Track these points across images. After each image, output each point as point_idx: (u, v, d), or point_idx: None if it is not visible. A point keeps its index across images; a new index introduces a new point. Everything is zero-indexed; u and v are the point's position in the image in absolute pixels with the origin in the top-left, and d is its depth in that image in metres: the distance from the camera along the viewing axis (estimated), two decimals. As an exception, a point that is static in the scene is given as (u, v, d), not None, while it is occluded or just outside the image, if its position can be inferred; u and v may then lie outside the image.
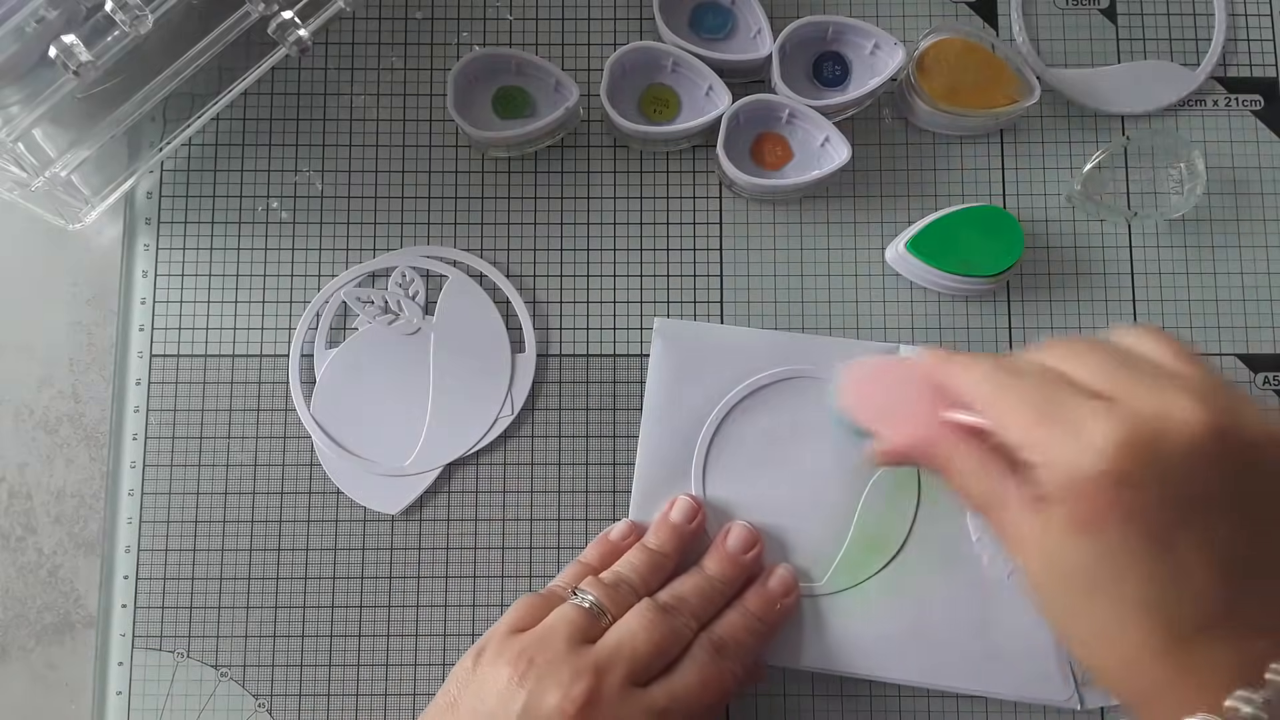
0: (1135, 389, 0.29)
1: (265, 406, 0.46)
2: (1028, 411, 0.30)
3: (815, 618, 0.43)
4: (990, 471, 0.32)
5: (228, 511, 0.45)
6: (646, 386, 0.45)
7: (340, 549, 0.45)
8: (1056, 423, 0.29)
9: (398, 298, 0.46)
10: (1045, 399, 0.30)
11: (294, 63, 0.48)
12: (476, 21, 0.49)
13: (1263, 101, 0.48)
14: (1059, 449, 0.29)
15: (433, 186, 0.48)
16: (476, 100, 0.47)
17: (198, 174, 0.48)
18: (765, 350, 0.45)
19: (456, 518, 0.45)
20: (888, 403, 0.36)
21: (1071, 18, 0.49)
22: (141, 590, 0.45)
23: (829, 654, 0.43)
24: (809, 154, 0.47)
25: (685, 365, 0.45)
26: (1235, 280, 0.47)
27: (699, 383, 0.45)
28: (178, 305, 0.47)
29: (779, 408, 0.44)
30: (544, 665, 0.36)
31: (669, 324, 0.46)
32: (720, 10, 0.47)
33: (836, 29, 0.47)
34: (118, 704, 0.44)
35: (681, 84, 0.47)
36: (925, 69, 0.46)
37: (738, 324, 0.46)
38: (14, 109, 0.40)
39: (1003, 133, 0.48)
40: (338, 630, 0.44)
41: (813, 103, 0.46)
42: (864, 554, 0.43)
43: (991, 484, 0.32)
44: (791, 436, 0.44)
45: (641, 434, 0.45)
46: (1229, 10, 0.48)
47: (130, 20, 0.38)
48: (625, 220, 0.47)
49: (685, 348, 0.45)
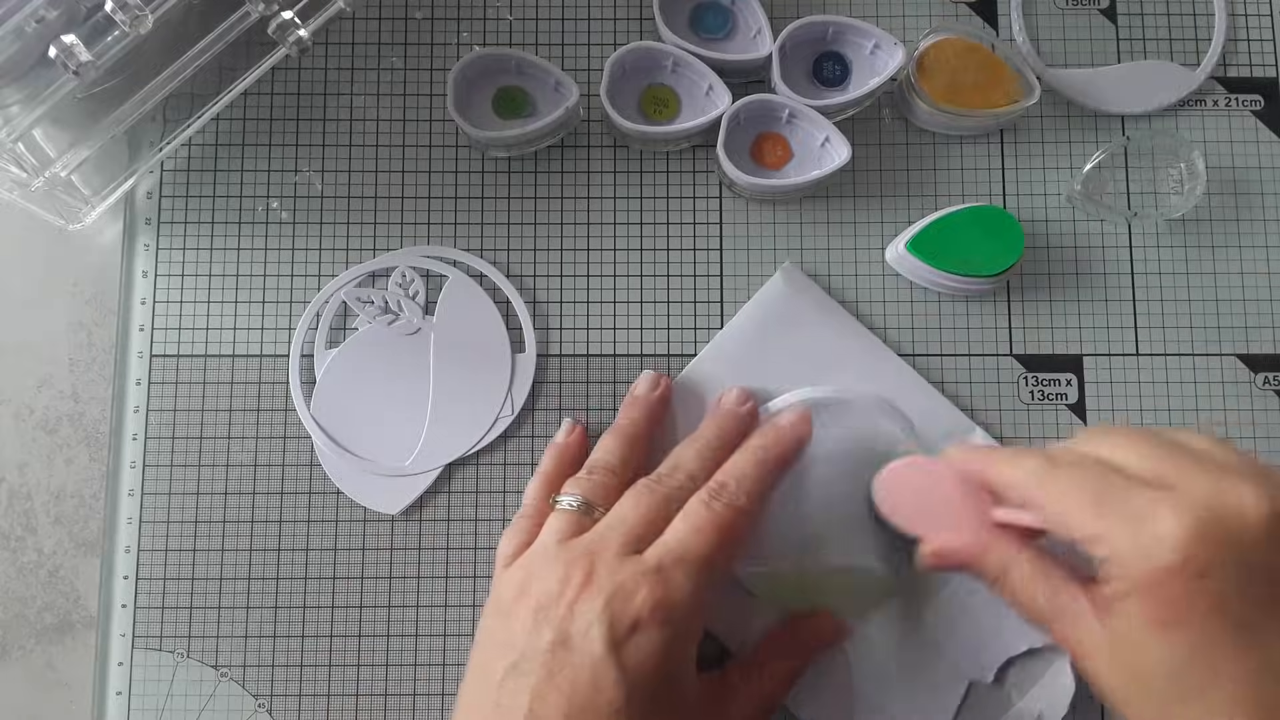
0: (1190, 476, 0.28)
1: (265, 406, 0.46)
2: (1086, 503, 0.29)
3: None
4: (1052, 579, 0.31)
5: (228, 511, 0.45)
6: (733, 320, 0.45)
7: (340, 549, 0.45)
8: (1118, 514, 0.28)
9: (398, 298, 0.46)
10: (1101, 489, 0.29)
11: (294, 63, 0.48)
12: (476, 21, 0.49)
13: (1263, 101, 0.48)
14: (1126, 541, 0.28)
15: (433, 186, 0.48)
16: (476, 100, 0.47)
17: (198, 174, 0.48)
18: (856, 357, 0.45)
19: (456, 518, 0.45)
20: (931, 506, 0.35)
21: (1071, 18, 0.49)
22: (141, 590, 0.45)
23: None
24: (809, 154, 0.47)
25: (782, 323, 0.45)
26: (1235, 280, 0.47)
27: (782, 351, 0.44)
28: (178, 305, 0.47)
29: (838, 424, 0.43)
30: (540, 571, 0.36)
31: (794, 273, 0.46)
32: (720, 10, 0.47)
33: (837, 29, 0.47)
34: (118, 704, 0.44)
35: (681, 84, 0.47)
36: (925, 69, 0.46)
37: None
38: (14, 109, 0.40)
39: (1003, 133, 0.48)
40: (338, 630, 0.44)
41: (813, 103, 0.46)
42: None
43: (1054, 593, 0.30)
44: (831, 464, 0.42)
45: (693, 363, 0.45)
46: (1229, 10, 0.48)
47: (130, 20, 0.38)
48: (625, 220, 0.47)
49: (797, 305, 0.45)
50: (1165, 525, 0.28)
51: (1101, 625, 0.29)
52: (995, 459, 0.33)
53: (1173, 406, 0.46)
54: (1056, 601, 0.31)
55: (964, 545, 0.33)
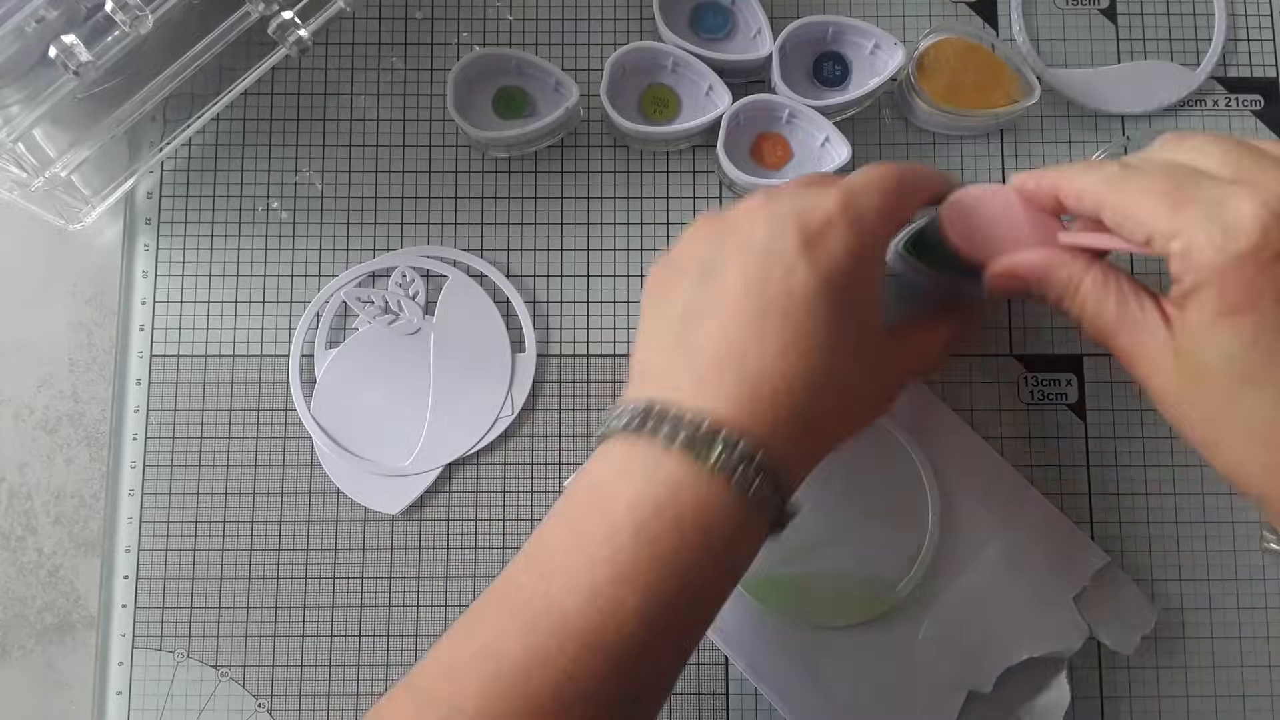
0: (1270, 172, 0.28)
1: (265, 406, 0.46)
2: (1159, 200, 0.29)
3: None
4: (1121, 289, 0.31)
5: (228, 511, 0.45)
6: None
7: (340, 549, 0.45)
8: (1194, 205, 0.28)
9: (398, 298, 0.46)
10: (1176, 186, 0.29)
11: (294, 63, 0.48)
12: (476, 21, 0.49)
13: (1263, 101, 0.48)
14: (1200, 231, 0.28)
15: (433, 186, 0.48)
16: (476, 100, 0.47)
17: (198, 174, 0.48)
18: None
19: (456, 518, 0.45)
20: (997, 232, 0.34)
21: (1071, 18, 0.49)
22: (141, 590, 0.45)
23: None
24: (809, 154, 0.47)
25: None
26: (1235, 280, 0.47)
27: None
28: (178, 305, 0.47)
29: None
30: (712, 218, 0.36)
31: None
32: (720, 10, 0.47)
33: (837, 29, 0.47)
34: (118, 704, 0.44)
35: (681, 84, 0.47)
36: (925, 69, 0.46)
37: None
38: (14, 109, 0.40)
39: (1003, 133, 0.48)
40: (338, 630, 0.44)
41: (813, 102, 0.46)
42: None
43: (1123, 302, 0.31)
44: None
45: None
46: (1229, 10, 0.48)
47: (130, 20, 0.38)
48: (625, 220, 0.47)
49: None
50: (1243, 212, 0.28)
51: (1167, 331, 0.29)
52: (1066, 171, 0.33)
53: (1173, 406, 0.46)
54: (1125, 310, 0.31)
55: (1032, 261, 0.33)
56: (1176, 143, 0.32)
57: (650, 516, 0.30)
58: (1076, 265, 0.33)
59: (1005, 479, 0.44)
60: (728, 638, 0.42)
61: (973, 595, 0.42)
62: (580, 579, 0.30)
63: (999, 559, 0.42)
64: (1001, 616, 0.42)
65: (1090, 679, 0.44)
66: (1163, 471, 0.45)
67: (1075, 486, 0.45)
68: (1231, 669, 0.44)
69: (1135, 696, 0.44)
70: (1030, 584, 0.42)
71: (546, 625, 0.29)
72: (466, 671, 0.30)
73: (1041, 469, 0.45)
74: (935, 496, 0.43)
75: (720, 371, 0.32)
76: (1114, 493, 0.45)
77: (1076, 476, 0.45)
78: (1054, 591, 0.42)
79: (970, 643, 0.42)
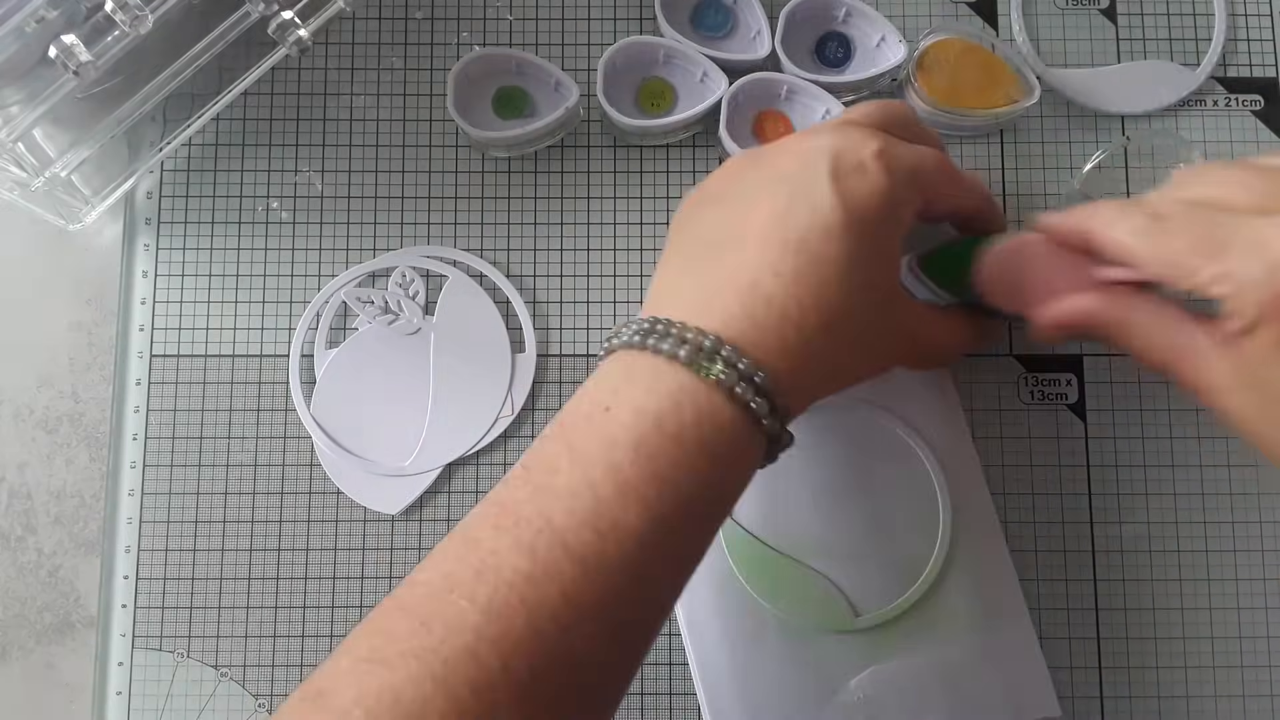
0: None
1: (265, 406, 0.46)
2: (1195, 249, 0.29)
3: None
4: (1172, 319, 0.31)
5: (228, 511, 0.45)
6: None
7: (340, 549, 0.45)
8: (1233, 247, 0.28)
9: (398, 298, 0.46)
10: (1210, 229, 0.29)
11: (294, 63, 0.48)
12: (476, 21, 0.49)
13: (1263, 101, 0.48)
14: (1246, 271, 0.28)
15: (433, 186, 0.48)
16: (476, 100, 0.47)
17: (198, 174, 0.48)
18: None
19: (456, 518, 0.45)
20: (1033, 280, 0.34)
21: (1071, 18, 0.49)
22: (141, 590, 0.45)
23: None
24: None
25: None
26: (1235, 280, 0.47)
27: None
28: (178, 305, 0.47)
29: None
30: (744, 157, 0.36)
31: None
32: (721, 9, 0.47)
33: (850, 11, 0.47)
34: (118, 704, 0.44)
35: (676, 74, 0.47)
36: (925, 69, 0.46)
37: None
38: (14, 109, 0.40)
39: (1003, 133, 0.48)
40: (338, 630, 0.44)
41: (812, 77, 0.46)
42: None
43: (1176, 332, 0.31)
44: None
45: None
46: (1229, 10, 0.48)
47: (130, 20, 0.38)
48: (625, 220, 0.47)
49: None
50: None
51: (1225, 357, 0.29)
52: (1093, 223, 0.33)
53: (1173, 406, 0.46)
54: (1179, 341, 0.31)
55: (1075, 309, 0.33)
56: (1191, 179, 0.32)
57: (651, 430, 0.30)
58: (1120, 305, 0.32)
59: (1006, 582, 0.42)
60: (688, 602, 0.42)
61: (914, 678, 0.41)
62: (580, 497, 0.29)
63: (959, 658, 0.41)
64: (978, 680, 0.41)
65: (1090, 679, 0.44)
66: (1163, 471, 0.45)
67: (1075, 486, 0.45)
68: (1231, 669, 0.44)
69: (1135, 697, 0.44)
70: (972, 701, 0.41)
71: (545, 543, 0.29)
72: (463, 590, 0.29)
73: (1041, 469, 0.45)
74: (939, 565, 0.42)
75: (733, 294, 0.32)
76: (1114, 493, 0.45)
77: (1076, 476, 0.45)
78: (990, 715, 0.41)
79: (954, 700, 0.41)
